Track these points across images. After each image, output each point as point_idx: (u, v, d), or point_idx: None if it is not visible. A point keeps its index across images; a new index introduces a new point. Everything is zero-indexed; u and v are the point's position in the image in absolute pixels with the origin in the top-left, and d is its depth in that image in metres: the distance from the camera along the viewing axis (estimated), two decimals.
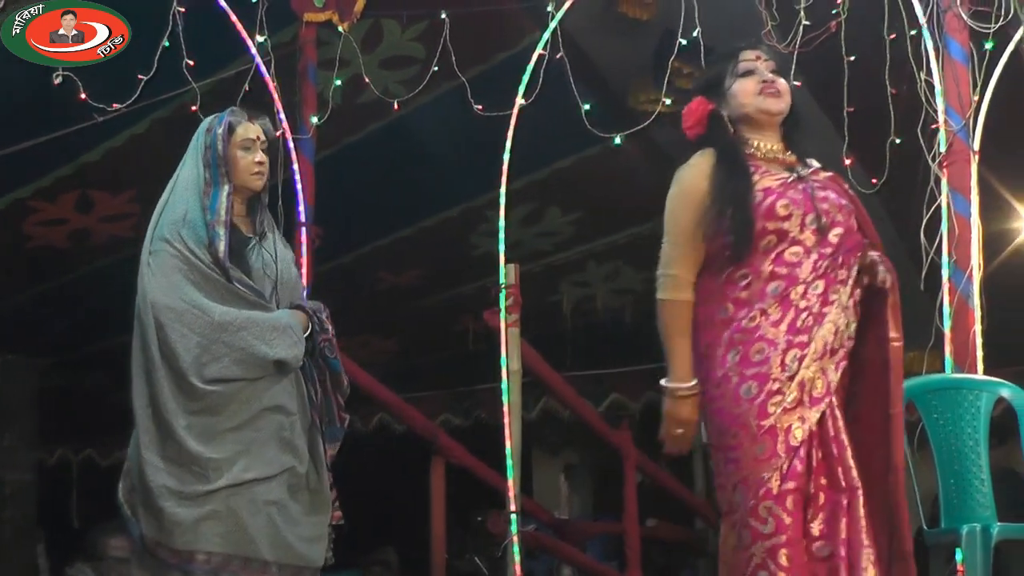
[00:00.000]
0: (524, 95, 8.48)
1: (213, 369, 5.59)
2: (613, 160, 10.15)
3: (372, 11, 8.82)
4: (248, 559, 5.56)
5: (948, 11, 7.45)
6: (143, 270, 5.74)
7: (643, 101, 9.21)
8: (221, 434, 5.59)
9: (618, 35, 9.67)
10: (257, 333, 5.66)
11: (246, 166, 5.87)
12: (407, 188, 9.91)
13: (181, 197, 5.83)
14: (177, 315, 5.60)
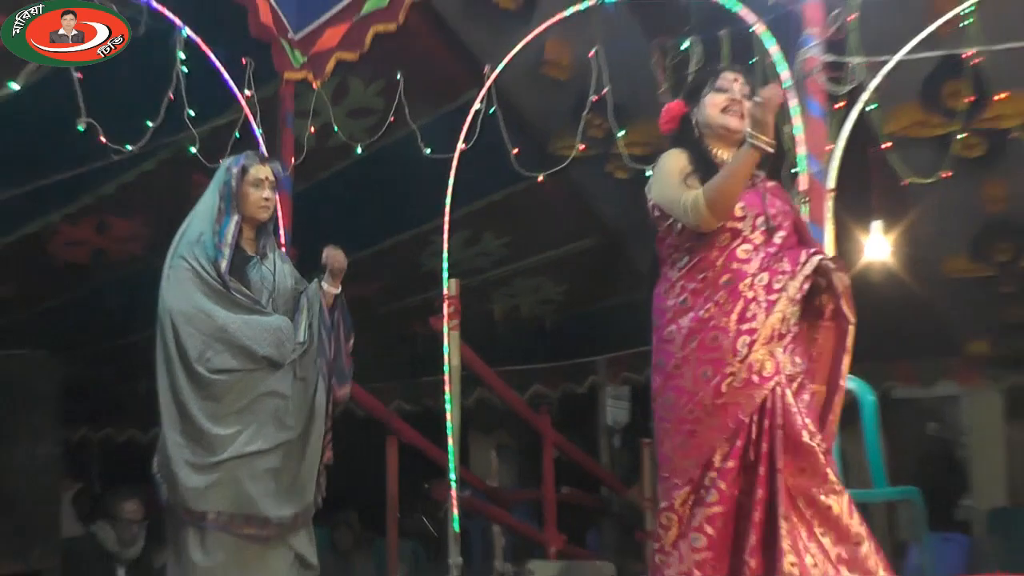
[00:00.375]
0: (464, 141, 8.34)
1: (216, 362, 5.82)
2: (536, 194, 10.14)
3: (340, 71, 8.70)
4: (250, 516, 5.81)
5: (809, 76, 7.36)
6: (164, 281, 5.99)
7: (561, 146, 9.13)
8: (226, 415, 5.82)
9: (541, 92, 9.61)
10: (249, 334, 5.88)
11: (255, 200, 6.12)
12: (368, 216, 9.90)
13: (198, 222, 6.08)
14: (187, 318, 5.85)
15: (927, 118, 9.44)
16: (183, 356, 5.84)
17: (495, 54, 8.51)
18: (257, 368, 5.90)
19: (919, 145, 9.01)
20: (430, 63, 9.37)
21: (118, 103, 7.34)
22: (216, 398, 5.84)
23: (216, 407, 5.83)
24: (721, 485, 4.55)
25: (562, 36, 8.92)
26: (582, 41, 8.45)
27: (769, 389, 4.58)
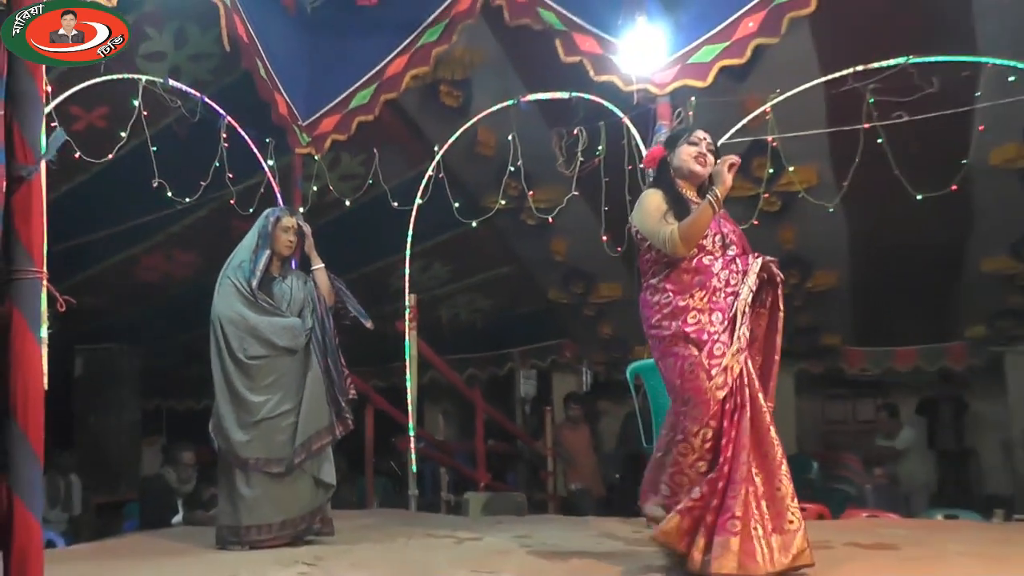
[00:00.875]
0: (420, 197, 8.39)
1: (251, 351, 6.09)
2: (471, 236, 9.97)
3: (334, 148, 8.66)
4: (280, 459, 6.02)
5: None
6: (216, 294, 6.21)
7: (488, 202, 9.14)
8: (260, 388, 6.08)
9: (475, 162, 9.52)
10: (272, 331, 6.13)
11: (282, 241, 6.35)
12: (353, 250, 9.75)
13: (241, 252, 6.29)
14: (230, 320, 6.12)
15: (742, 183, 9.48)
16: (228, 347, 6.08)
17: (443, 138, 8.63)
18: (279, 354, 6.12)
19: (737, 202, 9.04)
20: (397, 143, 9.38)
21: (180, 168, 7.40)
22: (252, 376, 6.06)
23: (252, 383, 6.06)
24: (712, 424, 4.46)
25: (490, 126, 8.98)
26: (503, 129, 8.50)
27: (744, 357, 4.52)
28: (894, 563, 4.98)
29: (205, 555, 5.78)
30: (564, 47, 7.67)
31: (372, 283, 10.81)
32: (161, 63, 7.77)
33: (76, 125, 7.43)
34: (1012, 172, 9.55)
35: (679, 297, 4.62)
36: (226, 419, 6.04)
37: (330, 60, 8.52)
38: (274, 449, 6.01)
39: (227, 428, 6.02)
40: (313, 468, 6.13)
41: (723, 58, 7.30)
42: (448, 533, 6.43)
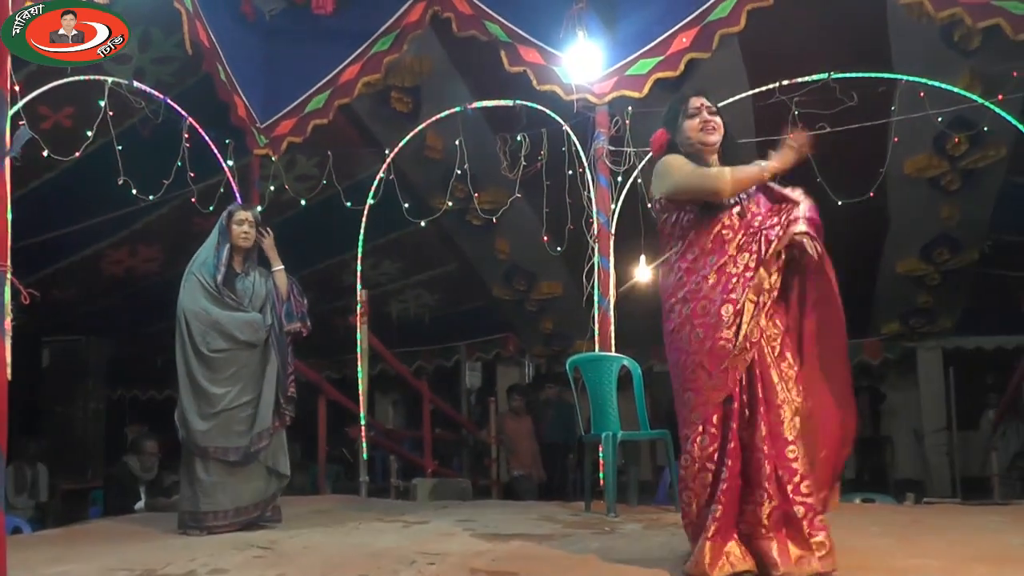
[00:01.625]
0: (372, 198, 8.42)
1: (213, 344, 6.01)
2: (419, 234, 9.99)
3: (290, 150, 8.65)
4: (237, 447, 5.96)
5: (599, 160, 7.52)
6: (181, 289, 6.13)
7: (436, 203, 9.17)
8: (221, 380, 6.00)
9: (423, 165, 9.55)
10: (234, 325, 6.06)
11: (237, 233, 6.20)
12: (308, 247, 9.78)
13: (205, 251, 6.22)
14: (194, 315, 6.03)
15: None
16: (192, 341, 6.00)
17: (393, 142, 8.66)
18: (240, 348, 6.05)
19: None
20: (350, 146, 9.34)
21: (144, 167, 7.36)
22: (214, 368, 5.99)
23: (214, 375, 5.99)
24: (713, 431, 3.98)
25: (438, 131, 8.99)
26: (451, 134, 8.55)
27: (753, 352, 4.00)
28: None
29: (166, 539, 5.75)
30: (509, 58, 7.72)
31: (326, 279, 10.84)
32: (126, 65, 7.71)
33: (44, 124, 7.35)
34: (923, 181, 9.73)
35: (692, 277, 4.14)
36: (188, 409, 5.96)
37: (287, 66, 8.50)
38: (232, 438, 5.95)
39: (188, 418, 5.94)
40: (268, 458, 6.09)
41: (658, 71, 7.39)
42: (397, 517, 6.43)
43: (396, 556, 4.78)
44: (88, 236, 9.68)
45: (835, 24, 7.94)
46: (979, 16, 6.62)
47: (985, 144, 9.06)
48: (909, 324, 12.74)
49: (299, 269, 6.94)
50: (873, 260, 11.44)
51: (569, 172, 7.76)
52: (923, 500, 8.45)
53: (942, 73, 7.52)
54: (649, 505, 7.71)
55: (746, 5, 7.11)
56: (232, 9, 8.23)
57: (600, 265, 7.43)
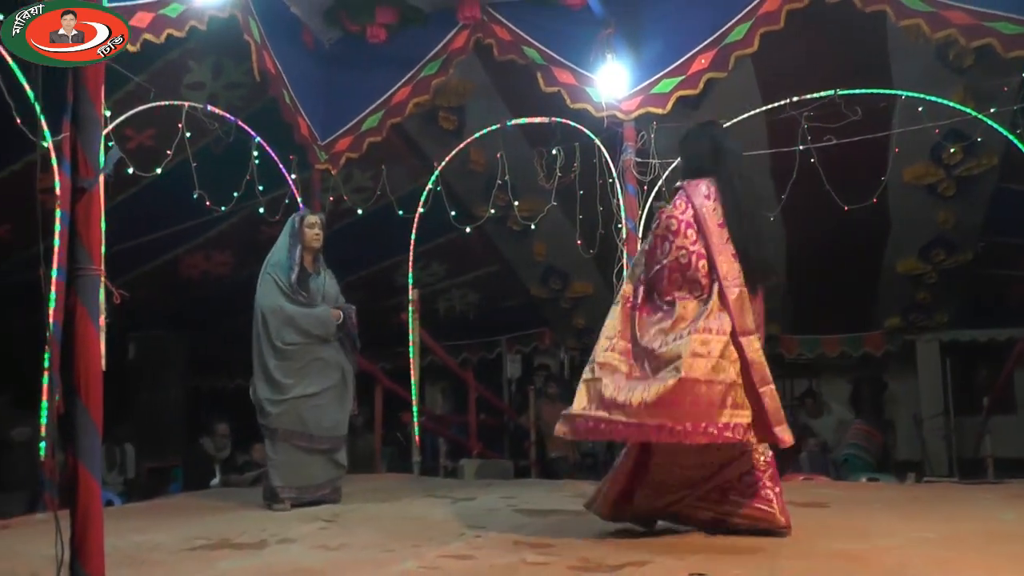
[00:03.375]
0: (422, 207, 8.40)
1: (287, 337, 6.00)
2: (465, 240, 9.99)
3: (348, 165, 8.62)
4: (302, 433, 5.97)
5: (627, 170, 7.48)
6: (258, 288, 6.14)
7: (480, 210, 9.13)
8: (293, 371, 6.00)
9: (468, 177, 9.51)
10: (307, 321, 6.05)
11: (309, 236, 6.23)
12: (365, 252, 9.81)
13: (278, 252, 6.21)
14: (271, 311, 6.03)
15: None
16: (267, 334, 6.00)
17: (440, 156, 8.66)
18: (311, 342, 6.05)
19: None
20: (402, 160, 9.35)
21: (217, 181, 7.39)
22: (287, 359, 5.98)
23: (287, 365, 5.98)
24: None
25: (480, 146, 8.98)
26: (492, 148, 8.52)
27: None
28: (826, 517, 5.03)
29: (239, 512, 5.79)
30: (544, 79, 7.70)
31: (380, 279, 10.84)
32: (201, 91, 7.77)
33: (129, 144, 7.40)
34: (921, 188, 9.65)
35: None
36: (262, 396, 5.97)
37: (344, 89, 8.50)
38: (299, 424, 5.96)
39: (263, 403, 5.96)
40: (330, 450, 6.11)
41: (680, 89, 7.34)
42: (446, 494, 6.44)
43: (446, 529, 4.79)
44: (168, 243, 9.71)
45: (840, 45, 7.88)
46: (972, 36, 6.53)
47: (978, 154, 8.96)
48: (909, 319, 12.65)
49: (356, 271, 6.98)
50: (875, 260, 11.37)
51: (600, 182, 7.71)
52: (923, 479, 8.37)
53: (938, 89, 7.45)
54: None
55: (759, 29, 7.07)
56: (295, 39, 8.26)
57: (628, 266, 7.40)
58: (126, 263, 9.15)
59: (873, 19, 7.00)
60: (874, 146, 7.68)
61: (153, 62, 7.16)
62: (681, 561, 3.73)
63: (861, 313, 12.88)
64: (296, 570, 3.81)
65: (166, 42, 6.37)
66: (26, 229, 8.08)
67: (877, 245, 11.01)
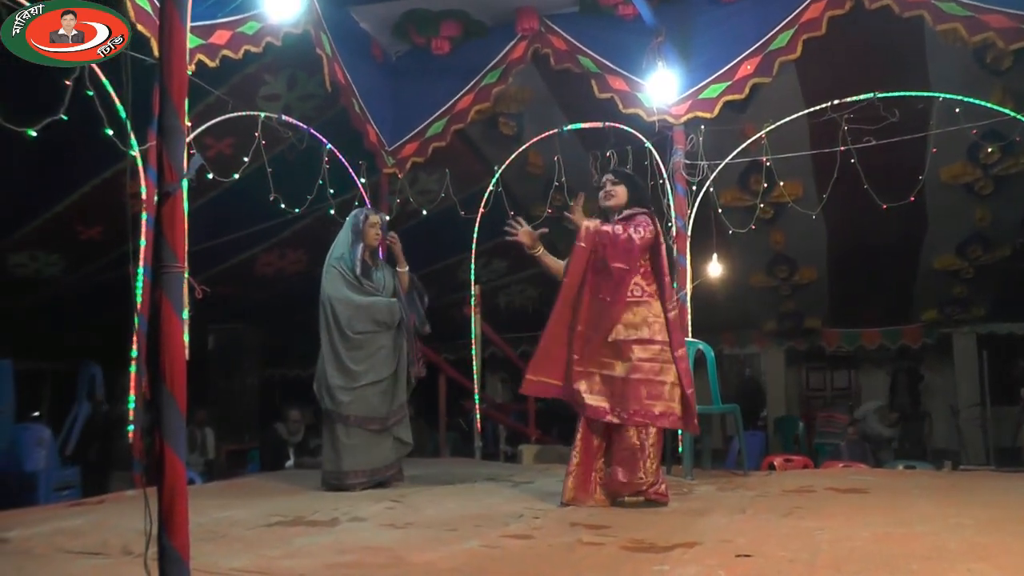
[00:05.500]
0: (483, 207, 8.36)
1: (357, 326, 5.93)
2: None
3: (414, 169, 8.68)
4: (373, 417, 5.92)
5: (677, 172, 7.41)
6: (323, 279, 6.04)
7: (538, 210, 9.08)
8: (363, 359, 5.92)
9: (526, 180, 9.56)
10: (377, 310, 5.99)
11: (371, 236, 6.15)
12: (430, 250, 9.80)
13: (340, 244, 6.12)
14: (339, 301, 5.94)
15: (742, 196, 9.51)
16: (337, 324, 5.92)
17: (501, 159, 8.59)
18: (379, 330, 5.98)
19: (738, 211, 9.05)
20: (464, 164, 9.35)
21: (291, 185, 7.42)
22: (357, 348, 5.92)
23: (357, 354, 5.92)
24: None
25: (538, 149, 9.00)
26: (549, 152, 8.47)
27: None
28: (865, 502, 4.95)
29: (311, 493, 5.80)
30: (598, 86, 7.68)
31: (444, 276, 10.86)
32: (276, 102, 7.86)
33: (209, 152, 7.49)
34: (958, 187, 9.53)
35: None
36: (333, 383, 5.89)
37: (410, 98, 8.53)
38: (370, 409, 5.90)
39: (334, 390, 5.87)
40: (397, 429, 6.05)
41: (727, 94, 7.29)
42: (506, 477, 6.42)
43: (507, 511, 4.77)
44: (245, 242, 9.81)
45: (879, 49, 7.78)
46: (1010, 39, 6.37)
47: (1016, 153, 8.82)
48: (946, 312, 12.51)
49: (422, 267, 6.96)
50: (913, 256, 11.25)
51: (651, 183, 7.66)
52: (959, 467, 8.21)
53: (976, 90, 7.29)
54: (720, 469, 7.60)
55: (802, 35, 7.00)
56: (364, 52, 8.33)
57: (678, 262, 7.33)
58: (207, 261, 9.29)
59: (911, 23, 6.88)
60: (912, 146, 7.55)
61: (231, 76, 7.24)
62: (729, 543, 3.69)
63: (899, 307, 12.75)
64: (367, 547, 3.81)
65: (244, 58, 6.43)
66: (115, 231, 8.24)
67: (915, 242, 10.89)
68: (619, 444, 4.79)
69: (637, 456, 4.71)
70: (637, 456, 4.71)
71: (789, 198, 8.44)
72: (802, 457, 7.63)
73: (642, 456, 4.71)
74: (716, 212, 7.81)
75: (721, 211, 7.83)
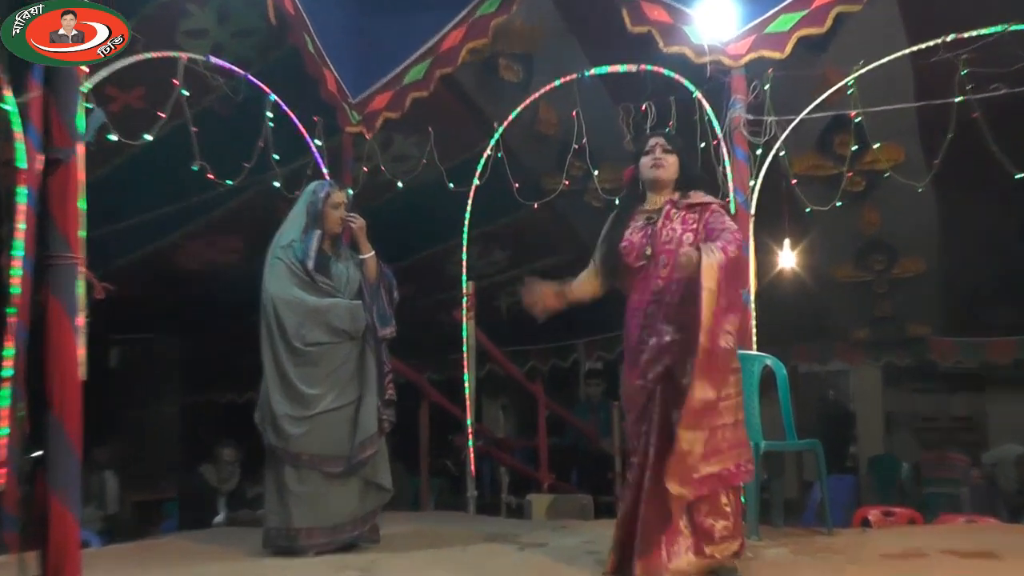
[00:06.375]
0: (478, 178, 8.39)
1: (309, 337, 5.94)
2: (532, 218, 9.97)
3: (386, 127, 8.72)
4: (335, 456, 5.92)
5: (735, 130, 7.41)
6: (266, 275, 6.08)
7: (550, 183, 9.11)
8: (318, 379, 5.94)
9: (536, 142, 9.55)
10: (335, 314, 6.01)
11: (333, 219, 6.19)
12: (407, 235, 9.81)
13: (290, 229, 6.17)
14: (286, 303, 5.98)
15: (823, 162, 9.48)
16: (283, 333, 5.93)
17: (502, 115, 8.61)
18: (339, 341, 5.99)
19: (817, 182, 9.06)
20: (453, 121, 9.28)
21: (223, 150, 7.36)
22: (311, 364, 5.93)
23: (310, 372, 5.92)
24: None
25: (551, 102, 8.94)
26: (566, 105, 8.43)
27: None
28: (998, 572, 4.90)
29: (249, 559, 5.81)
30: (631, 16, 7.68)
31: (427, 269, 10.87)
32: (203, 40, 7.80)
33: (112, 106, 7.41)
34: None
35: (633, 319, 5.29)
36: (279, 412, 5.87)
37: (382, 33, 8.54)
38: (330, 445, 5.88)
39: (280, 421, 5.86)
40: (368, 471, 6.02)
41: (802, 27, 7.29)
42: (511, 537, 6.41)
43: None
44: (161, 226, 9.77)
45: None
46: None
47: None
48: None
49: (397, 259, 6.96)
50: None
51: (702, 145, 7.66)
52: None
53: None
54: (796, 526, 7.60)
55: None
56: None
57: None
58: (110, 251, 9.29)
59: None
60: None
61: (142, 5, 7.21)
62: None
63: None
64: None
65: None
66: None
67: None
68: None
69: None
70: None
71: (887, 165, 8.44)
72: (907, 509, 7.61)
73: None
74: (788, 184, 7.80)
75: (795, 182, 7.82)
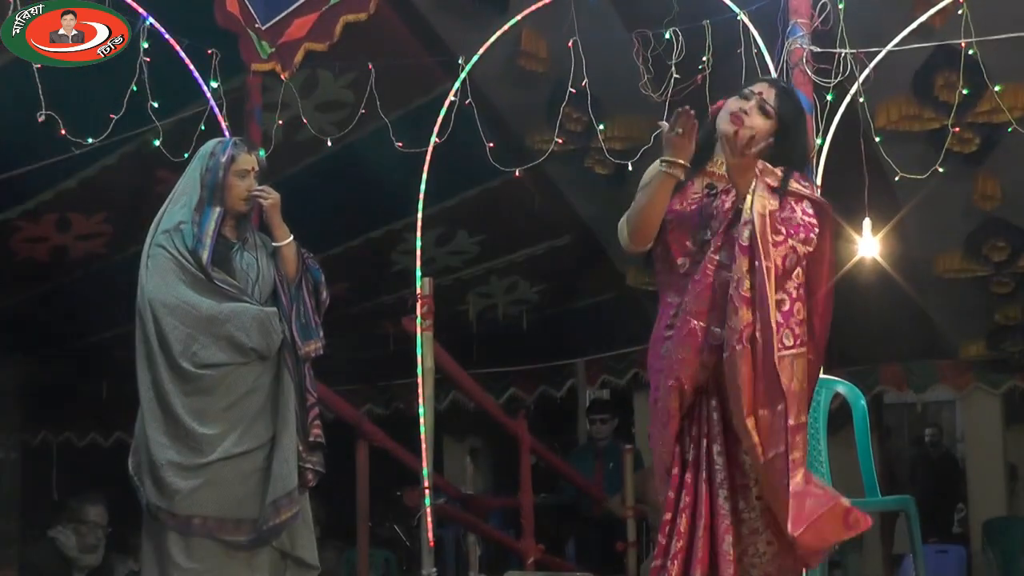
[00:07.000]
0: (438, 135, 8.37)
1: (203, 356, 5.72)
2: (512, 190, 10.07)
3: (309, 63, 8.70)
4: (239, 520, 5.73)
5: (796, 67, 7.40)
6: (142, 270, 5.87)
7: (538, 141, 9.14)
8: (214, 413, 5.74)
9: (517, 85, 9.60)
10: (239, 325, 5.77)
11: (238, 192, 5.94)
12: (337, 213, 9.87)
13: (178, 208, 5.95)
14: (170, 310, 5.74)
15: (919, 111, 9.45)
16: (166, 350, 5.73)
17: (470, 45, 8.61)
18: (246, 361, 5.82)
19: (911, 140, 9.11)
20: (402, 54, 9.26)
21: (79, 95, 7.37)
22: (204, 393, 5.75)
23: (204, 404, 5.74)
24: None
25: (539, 26, 8.92)
26: (560, 32, 8.45)
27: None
28: None
29: None
30: None
31: (366, 261, 10.91)
32: None
33: None
34: None
35: (662, 317, 4.86)
36: (161, 459, 5.69)
37: None
38: (232, 506, 5.74)
39: (162, 472, 5.68)
40: (285, 541, 5.92)
41: None
42: None
43: None
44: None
45: None
46: None
47: None
48: None
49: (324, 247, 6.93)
50: None
51: None
52: None
53: None
54: None
55: None
56: None
57: None
58: None
59: None
60: None
61: None
62: None
63: None
64: None
65: None
66: None
67: None
68: None
69: None
70: None
71: (1011, 115, 8.45)
72: None
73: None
74: (871, 142, 7.84)
75: (880, 140, 7.85)
